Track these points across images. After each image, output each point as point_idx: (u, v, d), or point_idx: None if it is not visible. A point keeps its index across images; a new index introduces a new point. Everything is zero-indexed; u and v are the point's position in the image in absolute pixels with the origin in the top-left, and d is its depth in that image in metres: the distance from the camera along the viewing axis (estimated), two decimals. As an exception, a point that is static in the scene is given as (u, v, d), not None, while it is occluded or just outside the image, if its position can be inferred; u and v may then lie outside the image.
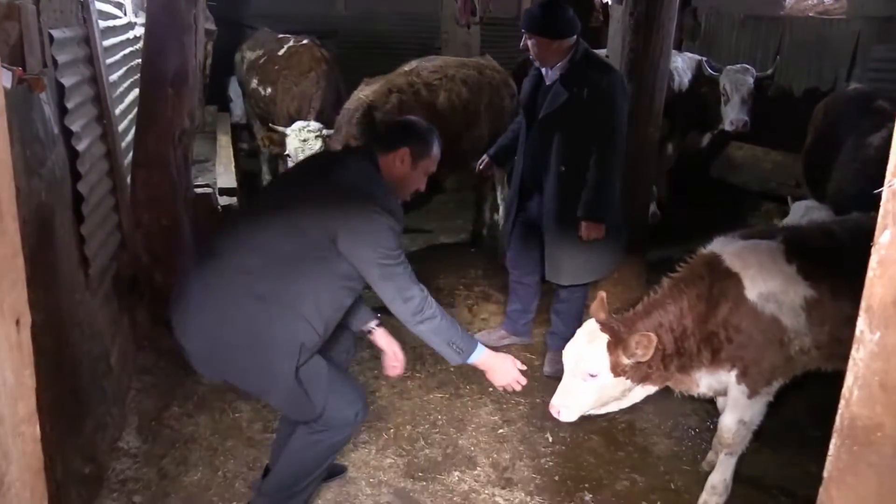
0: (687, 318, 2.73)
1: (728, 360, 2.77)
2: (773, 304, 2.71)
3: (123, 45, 4.58)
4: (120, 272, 3.76)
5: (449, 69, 5.77)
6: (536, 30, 3.59)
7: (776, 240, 2.84)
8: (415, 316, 2.42)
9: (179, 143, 3.85)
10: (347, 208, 2.38)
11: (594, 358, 2.63)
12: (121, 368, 3.55)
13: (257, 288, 2.38)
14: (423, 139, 2.62)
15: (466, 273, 5.42)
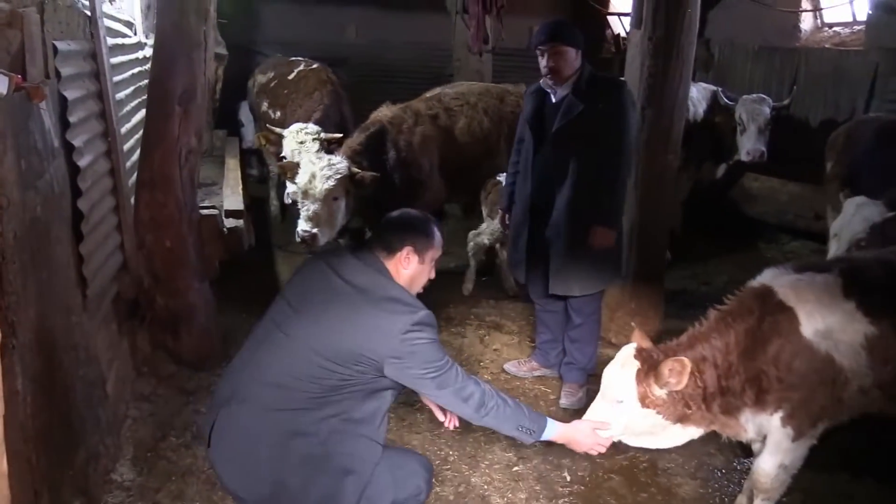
0: (733, 353, 2.58)
1: (775, 401, 2.58)
2: (830, 343, 2.54)
3: (132, 64, 4.49)
4: (121, 294, 3.63)
5: (471, 97, 5.73)
6: (556, 38, 3.61)
7: (832, 273, 2.67)
8: (479, 411, 2.38)
9: (186, 162, 3.73)
10: (385, 336, 2.25)
11: (621, 384, 2.57)
12: (117, 395, 3.40)
13: (302, 423, 2.26)
14: (423, 231, 2.50)
15: (477, 302, 5.27)
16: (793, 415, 2.58)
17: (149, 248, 3.75)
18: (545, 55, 3.63)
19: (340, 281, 2.36)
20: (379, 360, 2.25)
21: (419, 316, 2.29)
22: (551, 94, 3.76)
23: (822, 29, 8.42)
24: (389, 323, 2.26)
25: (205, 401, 3.65)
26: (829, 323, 2.55)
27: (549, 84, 3.72)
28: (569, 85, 3.67)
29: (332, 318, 2.29)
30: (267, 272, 5.70)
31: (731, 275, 5.88)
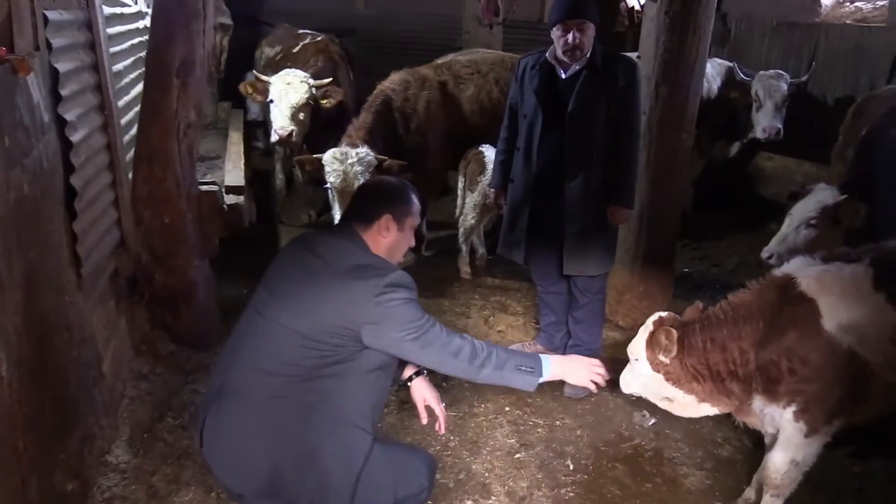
0: (746, 340, 2.56)
1: (787, 393, 2.52)
2: (853, 337, 2.45)
3: (132, 34, 4.38)
4: (118, 271, 3.55)
5: (483, 65, 5.69)
6: (582, 13, 3.45)
7: (863, 263, 2.58)
8: (472, 363, 2.24)
9: (185, 136, 3.63)
10: (357, 303, 2.17)
11: (636, 343, 2.75)
12: (114, 375, 3.34)
13: (291, 411, 2.19)
14: (401, 198, 2.43)
15: (482, 282, 5.19)
16: (806, 409, 2.51)
17: (147, 225, 3.67)
18: (570, 30, 3.45)
19: (313, 257, 2.32)
20: (356, 329, 2.16)
21: (391, 277, 2.21)
22: (560, 69, 3.60)
23: (843, 4, 8.18)
24: (361, 288, 2.18)
25: (204, 380, 3.61)
26: (854, 316, 2.46)
27: (565, 59, 3.54)
28: (582, 61, 3.53)
29: (305, 295, 2.23)
30: (270, 247, 5.62)
31: (742, 257, 5.79)
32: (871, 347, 2.45)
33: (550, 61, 3.63)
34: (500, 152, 3.99)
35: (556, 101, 3.58)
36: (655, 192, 4.33)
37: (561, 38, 3.48)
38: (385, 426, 3.37)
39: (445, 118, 5.36)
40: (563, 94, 3.58)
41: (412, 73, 5.34)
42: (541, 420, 3.51)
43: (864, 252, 2.66)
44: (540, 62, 3.66)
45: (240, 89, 5.60)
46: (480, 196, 4.99)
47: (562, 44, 3.48)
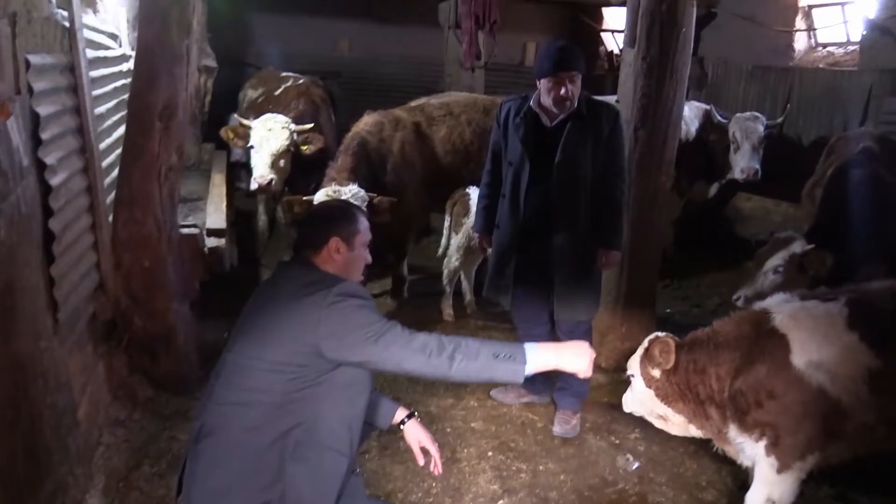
0: (722, 367, 2.64)
1: (755, 426, 2.57)
2: (823, 375, 2.48)
3: (115, 77, 4.40)
4: (97, 315, 3.51)
5: (456, 107, 5.81)
6: (573, 66, 3.49)
7: (839, 302, 2.62)
8: (440, 356, 2.12)
9: (166, 179, 3.62)
10: (309, 317, 2.18)
11: (633, 359, 2.90)
12: (90, 421, 3.27)
13: (265, 441, 2.18)
14: (346, 218, 2.47)
15: (465, 324, 5.17)
16: (776, 444, 2.55)
17: (126, 268, 3.64)
18: (562, 84, 3.45)
19: (271, 290, 2.39)
20: (315, 344, 2.15)
21: (340, 286, 2.23)
22: (545, 117, 3.62)
23: (815, 49, 8.40)
24: (312, 302, 2.20)
25: (182, 426, 3.55)
26: (824, 354, 2.49)
27: (553, 110, 3.55)
28: (568, 110, 3.56)
29: (265, 323, 2.26)
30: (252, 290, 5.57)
31: (723, 297, 5.80)
32: (843, 387, 2.47)
33: (535, 109, 3.63)
34: (483, 197, 3.99)
35: (543, 150, 3.60)
36: (636, 234, 4.36)
37: (552, 90, 3.48)
38: (367, 473, 3.32)
39: (420, 158, 5.42)
40: (548, 142, 3.59)
41: (385, 115, 5.41)
42: (524, 465, 3.47)
43: (842, 292, 2.71)
44: (524, 110, 3.65)
45: (220, 134, 5.61)
46: (465, 238, 5.01)
47: (552, 96, 3.49)
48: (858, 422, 2.50)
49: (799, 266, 3.91)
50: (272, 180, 5.23)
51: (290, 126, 5.37)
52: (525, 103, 3.68)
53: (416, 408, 3.81)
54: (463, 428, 3.75)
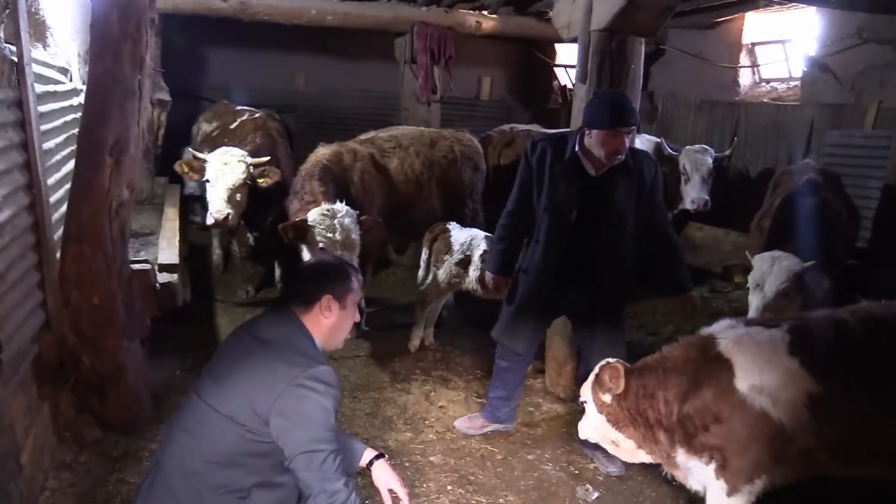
0: (670, 391, 2.69)
1: (704, 449, 2.61)
2: (766, 399, 2.53)
3: (65, 111, 4.33)
4: (42, 355, 3.41)
5: (403, 140, 5.93)
6: (634, 120, 3.45)
7: (781, 329, 2.69)
8: None
9: (116, 215, 3.55)
10: (273, 386, 2.14)
11: (585, 386, 2.94)
12: (34, 465, 3.15)
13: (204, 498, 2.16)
14: (340, 276, 2.43)
15: (424, 356, 5.15)
16: (725, 467, 2.58)
17: (75, 306, 3.54)
18: (620, 137, 3.37)
19: (251, 339, 2.30)
20: (265, 415, 2.12)
21: (315, 370, 2.17)
22: (590, 166, 3.53)
23: (759, 84, 8.70)
24: (281, 374, 2.15)
25: (132, 468, 3.45)
26: (766, 379, 2.55)
27: (604, 161, 3.47)
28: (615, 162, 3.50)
29: (234, 375, 2.21)
30: (206, 325, 5.49)
31: (677, 325, 5.90)
32: (785, 411, 2.52)
33: (580, 157, 3.53)
34: (502, 239, 3.86)
35: (587, 200, 3.55)
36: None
37: (607, 143, 3.39)
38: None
39: (378, 188, 5.45)
40: (593, 192, 3.53)
41: (341, 146, 5.44)
42: (484, 498, 3.44)
43: (785, 319, 2.78)
44: (568, 157, 3.55)
45: (175, 168, 5.53)
46: (446, 275, 5.02)
47: (607, 149, 3.40)
48: (801, 446, 2.55)
49: (803, 284, 3.93)
50: (229, 215, 5.17)
51: (247, 159, 5.34)
52: (564, 146, 3.58)
53: (374, 443, 3.80)
54: (422, 462, 3.71)
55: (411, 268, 7.24)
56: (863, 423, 2.52)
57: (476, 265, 4.89)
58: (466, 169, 6.21)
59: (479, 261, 4.87)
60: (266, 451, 2.19)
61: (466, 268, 4.94)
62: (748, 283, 4.10)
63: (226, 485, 2.16)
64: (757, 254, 4.11)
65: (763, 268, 4.02)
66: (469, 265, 4.93)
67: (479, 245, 4.94)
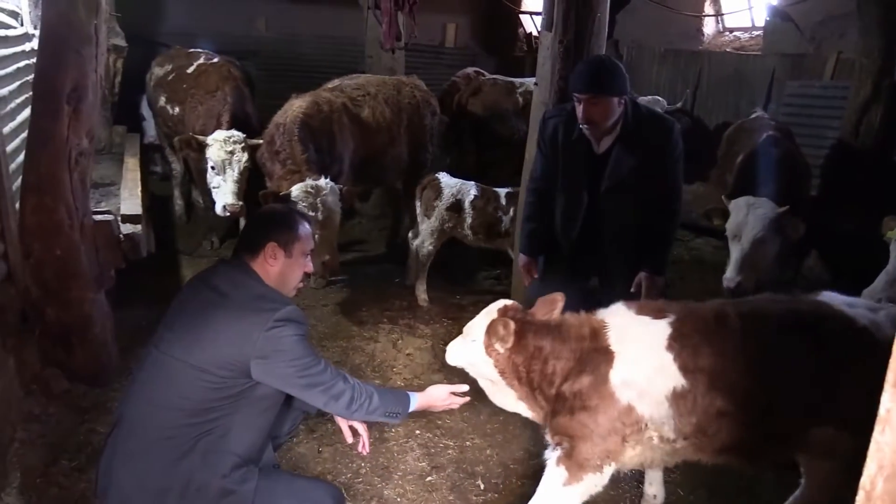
0: (560, 363, 2.58)
1: (559, 431, 2.54)
2: (633, 392, 2.47)
3: (17, 57, 4.21)
4: (6, 308, 3.37)
5: (371, 87, 5.88)
6: (596, 87, 3.21)
7: (666, 320, 2.57)
8: (349, 408, 2.35)
9: (76, 165, 3.49)
10: (248, 335, 2.19)
11: (476, 326, 2.69)
12: (2, 418, 3.15)
13: (179, 446, 2.20)
14: (285, 224, 2.45)
15: (391, 305, 5.21)
16: (570, 455, 2.51)
17: (37, 258, 3.50)
18: (591, 102, 3.22)
19: (208, 290, 2.34)
20: (245, 362, 2.19)
21: (283, 311, 2.24)
22: (594, 143, 3.43)
23: (723, 33, 8.76)
24: (252, 322, 2.21)
25: (101, 419, 3.46)
26: (637, 373, 2.48)
27: (587, 131, 3.34)
28: (613, 134, 3.36)
29: (199, 327, 2.24)
30: (170, 276, 5.45)
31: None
32: (648, 404, 2.47)
33: (587, 134, 3.39)
34: (529, 219, 3.77)
35: (595, 177, 3.45)
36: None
37: (577, 108, 3.29)
38: (295, 457, 3.33)
39: (353, 139, 5.41)
40: (599, 168, 3.43)
41: (315, 96, 5.34)
42: (451, 441, 3.54)
43: (672, 309, 2.65)
44: (578, 135, 3.41)
45: (174, 145, 5.48)
46: (438, 221, 5.10)
47: (580, 115, 3.29)
48: (657, 435, 2.52)
49: (779, 230, 3.96)
50: (242, 206, 5.25)
51: (247, 142, 5.29)
52: (574, 122, 3.42)
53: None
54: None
55: (376, 217, 7.26)
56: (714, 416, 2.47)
57: (468, 210, 5.04)
58: (427, 114, 6.24)
59: (469, 207, 5.03)
60: (241, 391, 2.24)
61: (459, 212, 5.07)
62: (726, 233, 4.15)
63: (207, 429, 2.21)
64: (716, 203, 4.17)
65: (738, 218, 4.06)
66: (462, 210, 5.06)
67: (469, 191, 5.09)
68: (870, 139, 5.81)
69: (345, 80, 6.00)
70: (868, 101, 5.80)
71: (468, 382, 2.71)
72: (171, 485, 2.18)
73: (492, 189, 5.17)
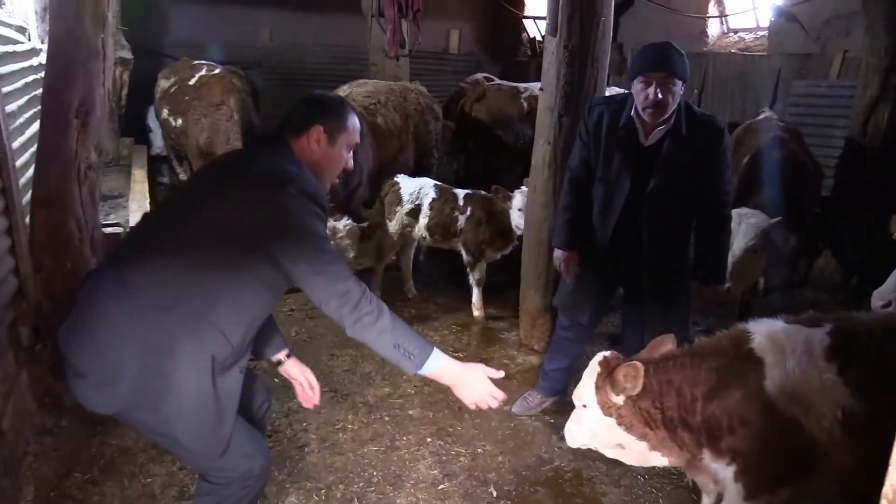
0: (698, 389, 2.39)
1: (728, 451, 2.36)
2: (798, 408, 2.25)
3: (25, 72, 4.24)
4: (17, 322, 3.39)
5: (380, 95, 5.90)
6: (668, 67, 3.05)
7: (822, 329, 2.37)
8: (353, 313, 2.03)
9: (85, 178, 3.51)
10: (267, 200, 2.05)
11: (583, 389, 2.50)
12: (16, 431, 3.16)
13: (165, 298, 2.04)
14: (335, 111, 2.33)
15: (399, 312, 5.08)
16: (745, 472, 2.36)
17: (48, 271, 3.51)
18: (652, 84, 3.06)
19: (233, 164, 2.25)
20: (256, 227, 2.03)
21: (304, 183, 2.09)
22: (642, 135, 3.26)
23: (727, 34, 8.74)
24: (270, 189, 2.06)
25: (114, 431, 3.47)
26: (799, 385, 2.26)
27: (645, 117, 3.16)
28: (664, 127, 3.19)
29: (217, 192, 2.13)
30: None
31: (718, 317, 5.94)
32: (817, 423, 2.24)
33: (636, 123, 3.25)
34: (567, 209, 3.59)
35: (641, 171, 3.29)
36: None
37: (642, 91, 3.11)
38: (306, 466, 3.33)
39: (371, 149, 5.45)
40: (645, 162, 3.26)
41: None
42: (463, 449, 3.53)
43: (827, 319, 2.45)
44: (624, 122, 3.28)
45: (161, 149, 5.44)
46: (398, 225, 5.17)
47: (642, 98, 3.11)
48: (834, 465, 2.29)
49: (770, 240, 3.94)
50: None
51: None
52: (622, 111, 3.30)
53: (353, 399, 3.88)
54: (401, 416, 3.79)
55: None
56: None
57: (425, 213, 5.12)
58: (431, 120, 6.28)
59: (427, 209, 5.11)
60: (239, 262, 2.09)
61: (417, 216, 5.15)
62: None
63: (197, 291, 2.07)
64: None
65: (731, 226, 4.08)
66: (419, 213, 5.14)
67: (427, 193, 5.16)
68: (878, 138, 5.78)
69: (353, 87, 6.03)
70: (875, 100, 5.78)
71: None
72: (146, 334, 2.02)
73: (451, 190, 5.22)
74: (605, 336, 4.80)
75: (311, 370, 2.59)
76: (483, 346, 4.73)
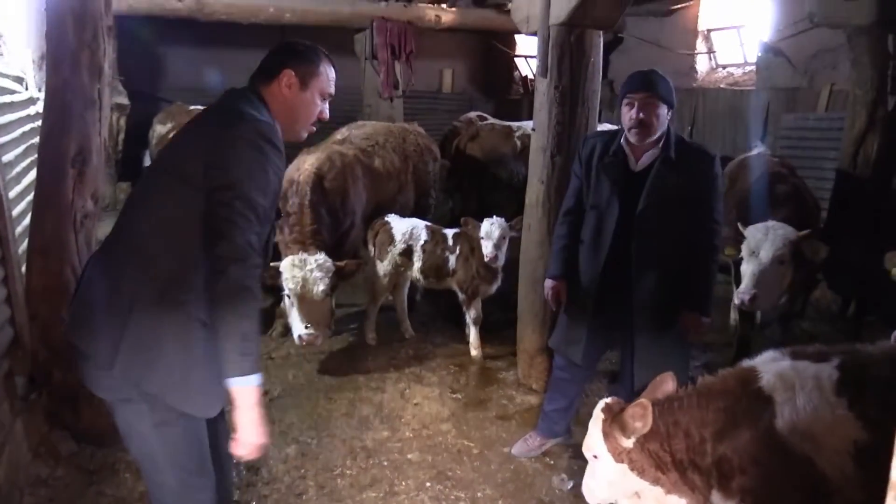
0: (707, 429, 2.35)
1: (738, 491, 2.31)
2: (810, 445, 2.21)
3: (22, 121, 4.27)
4: (12, 371, 3.37)
5: (379, 136, 5.95)
6: (651, 87, 3.17)
7: (830, 363, 2.34)
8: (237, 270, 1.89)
9: (82, 227, 3.52)
10: (215, 136, 2.02)
11: (591, 439, 2.47)
12: (10, 483, 3.12)
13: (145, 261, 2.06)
14: (306, 56, 2.29)
15: (396, 354, 5.18)
16: None
17: (43, 320, 3.50)
18: (634, 105, 3.18)
19: (201, 113, 2.25)
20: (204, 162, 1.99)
21: (262, 126, 2.06)
22: (632, 159, 3.33)
23: (716, 70, 8.87)
24: (222, 129, 2.03)
25: (110, 480, 3.43)
26: (810, 422, 2.21)
27: (632, 139, 3.24)
28: (654, 151, 3.26)
29: (178, 144, 2.17)
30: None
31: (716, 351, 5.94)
32: (829, 460, 2.19)
33: (625, 148, 3.34)
34: (561, 238, 3.62)
35: (629, 196, 3.30)
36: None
37: (627, 113, 3.22)
38: (305, 513, 3.29)
39: (366, 191, 5.47)
40: (635, 187, 3.29)
41: (327, 151, 5.32)
42: (462, 493, 3.49)
43: (835, 353, 2.42)
44: (614, 149, 3.36)
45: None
46: (391, 265, 5.17)
47: (627, 119, 3.22)
48: (845, 500, 2.22)
49: (799, 251, 3.98)
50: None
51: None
52: (614, 141, 3.39)
53: (351, 443, 3.84)
54: (399, 460, 3.76)
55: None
56: None
57: (418, 255, 5.13)
58: (430, 160, 6.33)
59: (420, 250, 5.13)
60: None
61: (410, 257, 5.16)
62: (741, 254, 4.16)
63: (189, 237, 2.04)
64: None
65: (758, 236, 4.10)
66: (412, 255, 5.15)
67: (419, 235, 5.17)
68: (867, 169, 5.85)
69: (352, 129, 6.07)
70: (864, 132, 5.85)
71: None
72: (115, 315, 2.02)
73: (441, 230, 5.25)
74: (603, 374, 4.78)
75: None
76: (481, 386, 4.71)
